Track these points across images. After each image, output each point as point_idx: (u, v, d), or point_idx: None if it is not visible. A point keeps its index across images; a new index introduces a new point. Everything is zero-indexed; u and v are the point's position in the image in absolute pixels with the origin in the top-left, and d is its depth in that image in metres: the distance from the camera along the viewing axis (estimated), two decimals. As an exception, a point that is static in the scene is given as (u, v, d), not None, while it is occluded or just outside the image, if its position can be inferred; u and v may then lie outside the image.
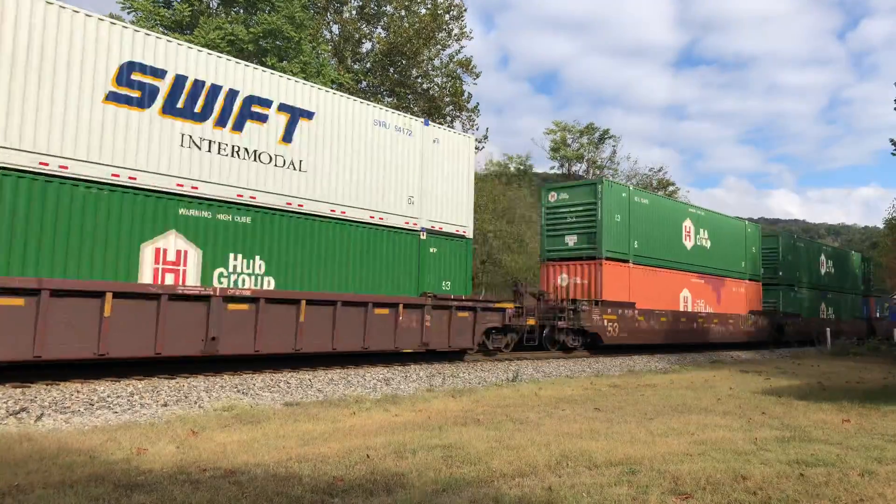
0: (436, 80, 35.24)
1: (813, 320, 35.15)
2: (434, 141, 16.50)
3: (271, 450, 6.83)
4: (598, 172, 51.46)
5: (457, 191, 17.09)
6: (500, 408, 10.35)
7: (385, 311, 14.74)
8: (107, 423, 8.45)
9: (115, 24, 11.40)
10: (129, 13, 25.77)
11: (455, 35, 34.84)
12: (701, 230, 26.41)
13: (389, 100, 33.97)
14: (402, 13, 33.51)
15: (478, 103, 35.95)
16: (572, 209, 22.29)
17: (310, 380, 12.48)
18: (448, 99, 34.94)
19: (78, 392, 9.80)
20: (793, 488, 5.62)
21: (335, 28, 34.00)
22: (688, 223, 25.76)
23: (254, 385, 11.58)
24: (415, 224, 15.86)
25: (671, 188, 54.53)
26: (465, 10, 34.84)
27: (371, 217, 14.93)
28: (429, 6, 33.84)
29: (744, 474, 6.02)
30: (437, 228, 16.40)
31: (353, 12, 34.02)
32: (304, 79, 24.44)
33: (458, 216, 17.05)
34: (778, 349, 30.04)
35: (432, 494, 5.27)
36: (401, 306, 14.90)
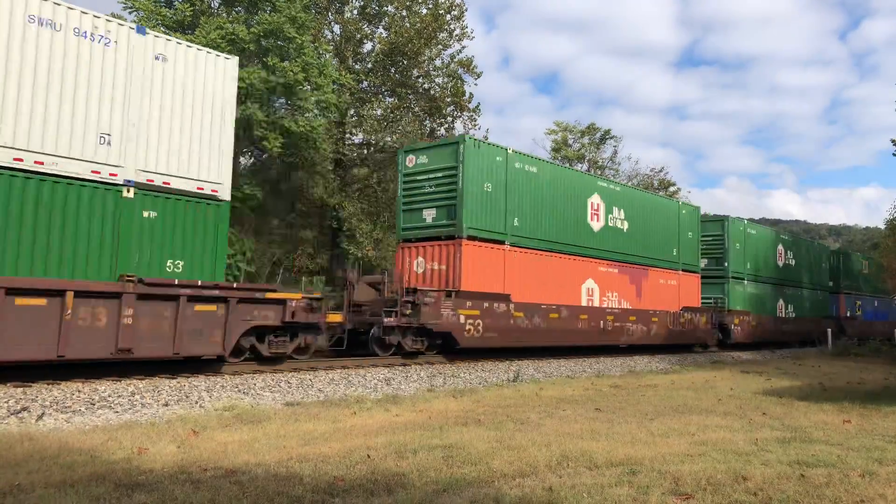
0: (437, 80, 35.23)
1: (766, 319, 30.30)
2: (158, 58, 11.95)
3: (272, 449, 6.83)
4: (599, 173, 51.47)
5: (201, 132, 12.43)
6: (500, 408, 10.36)
7: (39, 301, 9.83)
8: (108, 423, 8.46)
9: None
10: (130, 13, 25.79)
11: (456, 35, 34.83)
12: (615, 209, 21.65)
13: (390, 100, 33.99)
14: (404, 13, 33.51)
15: (479, 103, 35.83)
16: (432, 177, 17.41)
17: (310, 380, 12.48)
18: (449, 99, 34.93)
19: (79, 391, 9.81)
20: (793, 489, 5.62)
21: (336, 28, 34.02)
22: (595, 200, 20.90)
23: (255, 385, 11.59)
24: (112, 175, 11.13)
25: (672, 188, 54.48)
26: (466, 10, 34.86)
27: (19, 160, 10.06)
28: (430, 6, 33.84)
29: (744, 475, 6.02)
30: (158, 183, 11.68)
31: (355, 12, 34.04)
32: (306, 79, 24.48)
33: (203, 168, 12.37)
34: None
35: (433, 494, 5.27)
36: (69, 295, 10.03)
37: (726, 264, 28.31)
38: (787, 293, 32.88)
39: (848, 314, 39.67)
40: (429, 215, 17.41)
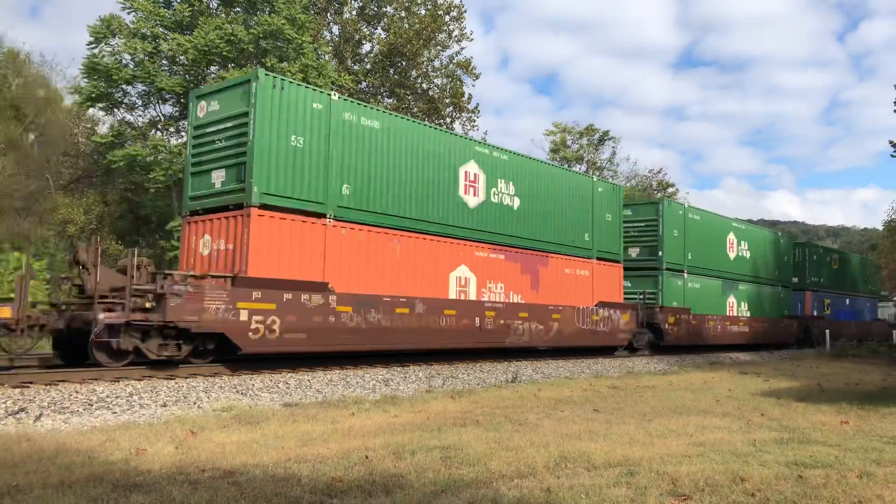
0: (436, 81, 35.29)
1: (712, 318, 26.35)
2: None
3: (270, 450, 6.83)
4: (597, 173, 51.51)
5: None
6: (499, 409, 10.36)
7: None
8: (105, 424, 8.45)
9: None
10: (129, 13, 25.79)
11: (455, 36, 34.89)
12: (501, 182, 17.61)
13: (389, 101, 34.00)
14: (402, 14, 33.54)
15: (478, 104, 35.96)
16: (222, 127, 13.37)
17: (309, 380, 12.48)
18: (448, 100, 34.98)
19: (77, 392, 9.80)
20: (791, 490, 5.63)
21: (335, 29, 34.04)
22: (472, 169, 16.82)
23: (253, 386, 11.58)
24: None
25: (670, 189, 54.55)
26: (465, 12, 34.90)
27: None
28: (429, 7, 33.88)
29: (742, 476, 6.03)
30: None
31: (353, 13, 34.05)
32: (304, 80, 24.47)
33: None
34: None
35: (431, 495, 5.27)
36: None
37: (660, 254, 24.16)
38: (739, 289, 28.68)
39: (815, 313, 35.64)
40: (217, 178, 13.32)
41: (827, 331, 33.04)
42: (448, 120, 35.06)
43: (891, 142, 29.91)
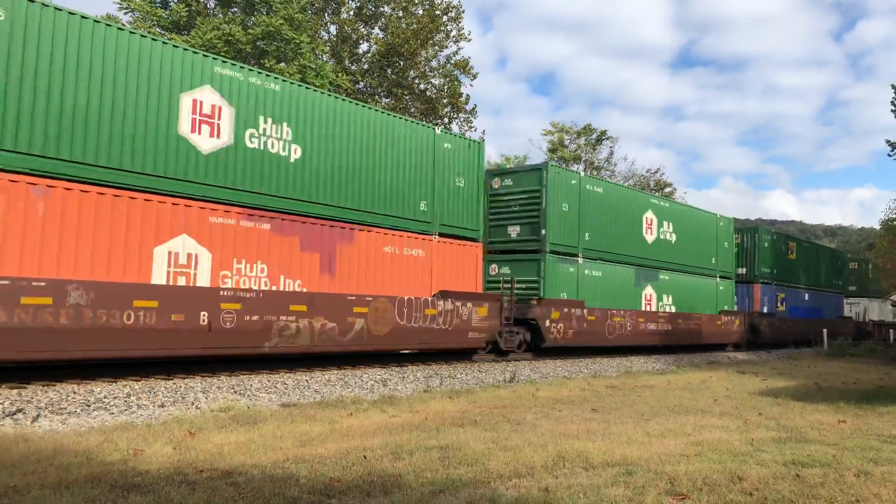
0: (433, 80, 35.29)
1: (619, 314, 21.34)
2: None
3: (268, 451, 6.83)
4: (595, 173, 51.53)
5: None
6: (497, 409, 10.37)
7: None
8: (103, 425, 8.43)
9: None
10: (125, 13, 25.75)
11: (453, 36, 34.89)
12: (264, 121, 12.78)
13: (387, 100, 33.99)
14: (400, 14, 33.54)
15: (475, 105, 35.93)
16: None
17: (307, 381, 12.47)
18: (446, 100, 34.99)
19: (74, 393, 9.79)
20: (789, 489, 5.64)
21: (332, 28, 34.02)
22: (205, 98, 11.97)
23: (251, 386, 11.58)
24: None
25: (668, 189, 54.60)
26: (464, 12, 34.92)
27: None
28: (426, 7, 33.88)
29: (740, 475, 6.04)
30: None
31: (351, 13, 34.04)
32: (302, 80, 24.47)
33: None
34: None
35: (429, 495, 5.28)
36: None
37: (543, 233, 19.07)
38: (660, 279, 23.68)
39: (764, 309, 30.79)
40: None
41: (825, 330, 32.82)
42: (446, 120, 35.06)
43: (888, 141, 30.02)
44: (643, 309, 22.73)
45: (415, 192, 15.60)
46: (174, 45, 12.05)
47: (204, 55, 12.39)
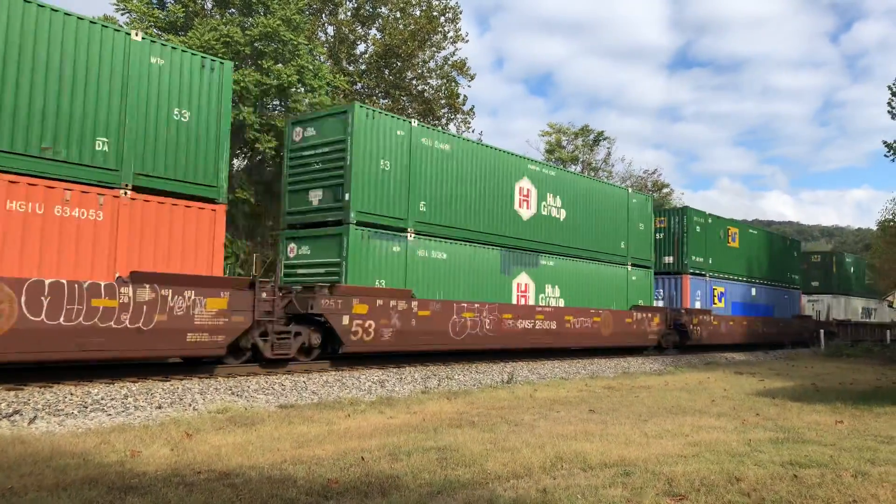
0: (431, 82, 35.29)
1: (466, 309, 16.15)
2: None
3: (266, 452, 6.82)
4: (592, 174, 51.56)
5: None
6: (494, 410, 10.37)
7: None
8: (101, 426, 8.42)
9: None
10: (122, 14, 25.71)
11: (450, 38, 34.90)
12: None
13: (384, 101, 33.99)
14: (398, 15, 33.54)
15: (473, 105, 35.88)
16: None
17: (304, 382, 12.46)
18: (443, 101, 34.99)
19: (72, 394, 9.76)
20: (786, 489, 5.64)
21: (330, 29, 34.02)
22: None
23: (248, 387, 11.56)
24: None
25: (665, 190, 54.66)
26: (461, 13, 34.93)
27: None
28: (424, 8, 33.89)
29: (738, 475, 6.04)
30: None
31: (349, 14, 34.04)
32: (300, 82, 24.47)
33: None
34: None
35: (427, 496, 5.27)
36: None
37: (347, 197, 14.48)
38: (541, 266, 19.05)
39: (697, 305, 26.21)
40: None
41: (822, 331, 32.70)
42: (443, 121, 35.08)
43: (884, 142, 30.14)
44: (514, 303, 17.97)
45: (89, 120, 10.66)
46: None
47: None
